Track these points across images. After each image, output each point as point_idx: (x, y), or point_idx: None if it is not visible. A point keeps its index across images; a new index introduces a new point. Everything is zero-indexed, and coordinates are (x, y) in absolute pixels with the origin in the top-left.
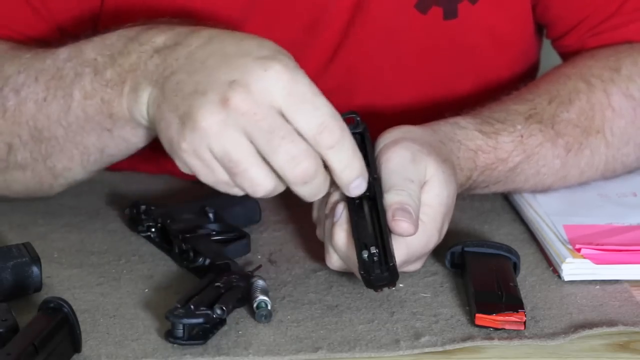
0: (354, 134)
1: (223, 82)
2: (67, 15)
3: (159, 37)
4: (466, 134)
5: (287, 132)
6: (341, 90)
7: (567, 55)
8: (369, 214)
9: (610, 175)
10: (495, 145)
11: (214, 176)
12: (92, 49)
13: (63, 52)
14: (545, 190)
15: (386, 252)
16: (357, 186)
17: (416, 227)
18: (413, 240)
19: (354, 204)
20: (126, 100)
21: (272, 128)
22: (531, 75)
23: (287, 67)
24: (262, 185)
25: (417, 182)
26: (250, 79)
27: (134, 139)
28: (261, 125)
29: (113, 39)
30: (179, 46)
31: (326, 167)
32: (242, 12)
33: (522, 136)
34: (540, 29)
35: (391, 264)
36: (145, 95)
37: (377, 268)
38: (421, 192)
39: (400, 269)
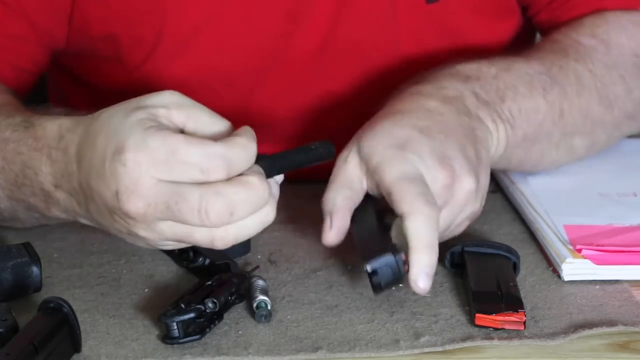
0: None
1: (111, 198)
2: (39, 12)
3: (48, 176)
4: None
5: (178, 196)
6: (331, 78)
7: (545, 32)
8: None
9: (605, 104)
10: (478, 65)
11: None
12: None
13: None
14: (537, 107)
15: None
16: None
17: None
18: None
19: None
20: (59, 211)
21: (168, 204)
22: (525, 45)
23: (136, 147)
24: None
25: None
26: (120, 183)
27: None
28: (160, 211)
29: (10, 151)
30: (71, 176)
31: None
32: (219, 4)
33: (495, 64)
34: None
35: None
36: (83, 221)
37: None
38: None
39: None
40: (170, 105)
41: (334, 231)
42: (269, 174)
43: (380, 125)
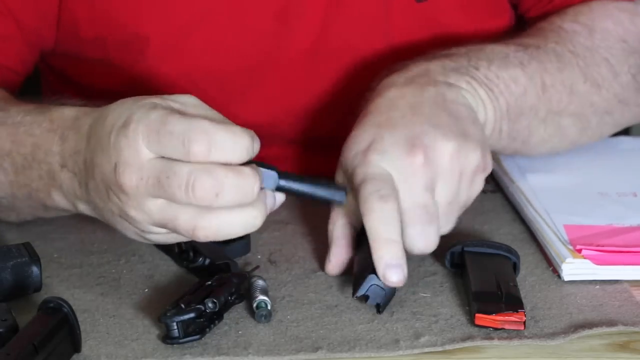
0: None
1: (109, 171)
2: (25, 12)
3: (56, 156)
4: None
5: (169, 170)
6: (323, 78)
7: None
8: None
9: (591, 82)
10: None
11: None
12: (6, 137)
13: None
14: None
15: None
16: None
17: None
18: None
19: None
20: (59, 201)
21: (159, 179)
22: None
23: (139, 119)
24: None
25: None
26: (120, 155)
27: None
28: (151, 186)
29: (21, 133)
30: (78, 154)
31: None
32: (208, 4)
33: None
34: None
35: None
36: (80, 206)
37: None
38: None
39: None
40: (187, 104)
41: (332, 264)
42: (268, 184)
43: (350, 135)
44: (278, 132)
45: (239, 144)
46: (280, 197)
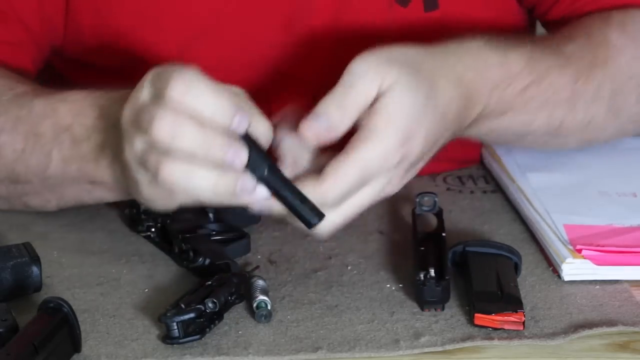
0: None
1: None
2: (33, 17)
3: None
4: (469, 49)
5: (145, 107)
6: (329, 87)
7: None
8: None
9: (614, 112)
10: (505, 60)
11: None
12: (67, 112)
13: (37, 105)
14: (556, 129)
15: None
16: (238, 123)
17: (322, 136)
18: (367, 151)
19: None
20: (105, 174)
21: (138, 114)
22: None
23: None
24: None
25: (356, 90)
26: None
27: (111, 197)
28: (133, 121)
29: (85, 106)
30: (115, 128)
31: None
32: (214, 15)
33: (532, 55)
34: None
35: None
36: (118, 170)
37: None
38: (378, 100)
39: (368, 196)
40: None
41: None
42: (254, 168)
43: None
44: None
45: (219, 101)
46: (262, 192)
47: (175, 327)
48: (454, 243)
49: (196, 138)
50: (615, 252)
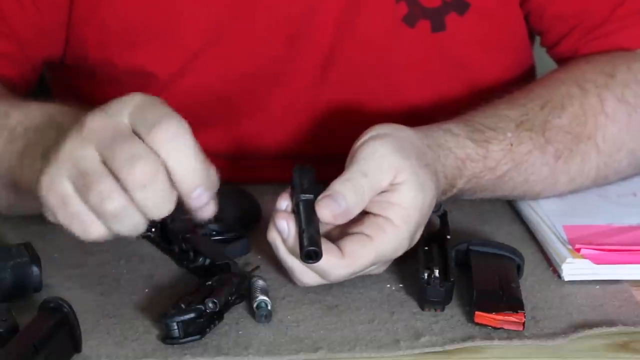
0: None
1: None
2: (26, 30)
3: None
4: (457, 142)
5: (122, 136)
6: (332, 106)
7: (562, 62)
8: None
9: (602, 182)
10: (485, 154)
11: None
12: (17, 115)
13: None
14: (535, 197)
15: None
16: (198, 196)
17: (339, 217)
18: (383, 242)
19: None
20: (24, 174)
21: (116, 137)
22: (527, 79)
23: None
24: (110, 199)
25: (372, 179)
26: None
27: (24, 203)
28: (106, 139)
29: (36, 112)
30: (57, 130)
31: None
32: (218, 28)
33: (511, 144)
34: (532, 33)
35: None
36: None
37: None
38: (393, 193)
39: (365, 272)
40: None
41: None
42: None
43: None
44: (285, 154)
45: (195, 165)
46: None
47: (176, 327)
48: (457, 242)
49: (164, 191)
50: (614, 250)
